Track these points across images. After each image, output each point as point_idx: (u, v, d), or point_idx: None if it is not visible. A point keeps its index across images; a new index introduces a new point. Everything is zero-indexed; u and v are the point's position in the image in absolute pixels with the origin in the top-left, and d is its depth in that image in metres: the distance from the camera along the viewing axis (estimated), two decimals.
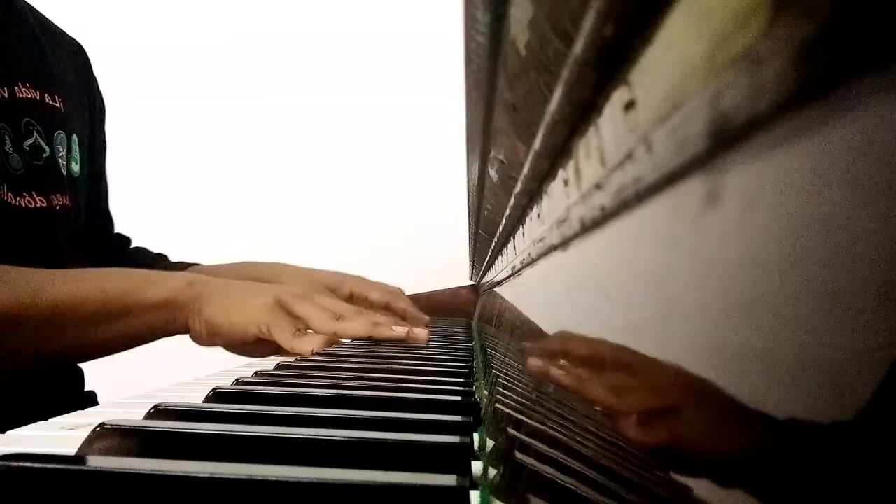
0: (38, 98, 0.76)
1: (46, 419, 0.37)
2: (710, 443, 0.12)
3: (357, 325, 0.70)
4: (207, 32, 1.80)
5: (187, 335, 0.73)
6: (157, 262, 0.99)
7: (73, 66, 0.86)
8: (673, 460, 0.13)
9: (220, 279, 0.73)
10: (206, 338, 0.71)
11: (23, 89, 0.74)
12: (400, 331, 0.72)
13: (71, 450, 0.27)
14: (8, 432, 0.33)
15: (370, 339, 0.71)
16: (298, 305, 0.70)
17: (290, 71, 1.81)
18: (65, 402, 0.49)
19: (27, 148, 0.73)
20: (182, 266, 0.98)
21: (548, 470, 0.20)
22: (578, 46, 0.19)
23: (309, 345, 0.66)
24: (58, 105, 0.79)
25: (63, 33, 0.88)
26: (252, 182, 1.83)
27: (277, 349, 0.69)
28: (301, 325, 0.69)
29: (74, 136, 0.82)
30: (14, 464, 0.21)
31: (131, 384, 0.58)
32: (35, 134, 0.75)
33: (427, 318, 0.95)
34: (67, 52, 0.87)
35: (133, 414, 0.32)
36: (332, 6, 1.80)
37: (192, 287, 0.70)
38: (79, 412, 0.40)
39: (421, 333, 0.73)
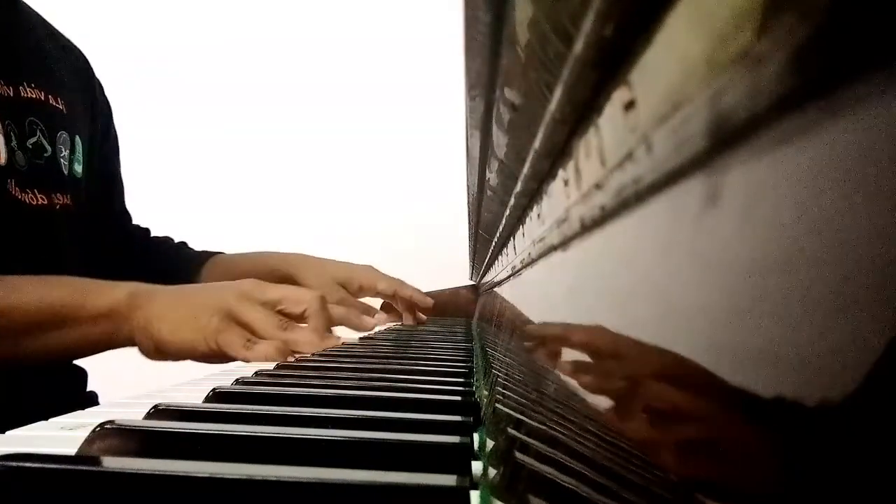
0: (42, 98, 0.77)
1: (47, 419, 0.37)
2: (710, 442, 0.12)
3: (304, 337, 0.68)
4: (216, 37, 1.80)
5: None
6: (179, 250, 1.00)
7: (75, 72, 0.87)
8: (673, 460, 0.13)
9: (165, 290, 0.70)
10: (155, 353, 0.68)
11: (28, 89, 0.75)
12: (335, 342, 0.73)
13: (71, 450, 0.27)
14: (8, 432, 0.33)
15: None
16: (246, 312, 0.67)
17: (291, 73, 1.81)
18: (66, 403, 0.49)
19: (29, 146, 0.74)
20: (205, 255, 0.98)
21: (548, 470, 0.20)
22: (578, 46, 0.19)
23: (261, 353, 0.64)
24: (61, 107, 0.79)
25: (69, 42, 0.89)
26: (254, 183, 1.83)
27: (232, 358, 0.67)
28: (250, 333, 0.66)
29: (78, 138, 0.82)
30: (14, 464, 0.21)
31: (131, 384, 0.58)
32: (38, 133, 0.75)
33: (431, 300, 1.06)
34: (71, 58, 0.88)
35: (133, 414, 0.32)
36: (333, 7, 1.80)
37: (133, 299, 0.67)
38: (79, 412, 0.40)
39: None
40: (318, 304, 0.72)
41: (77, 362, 0.84)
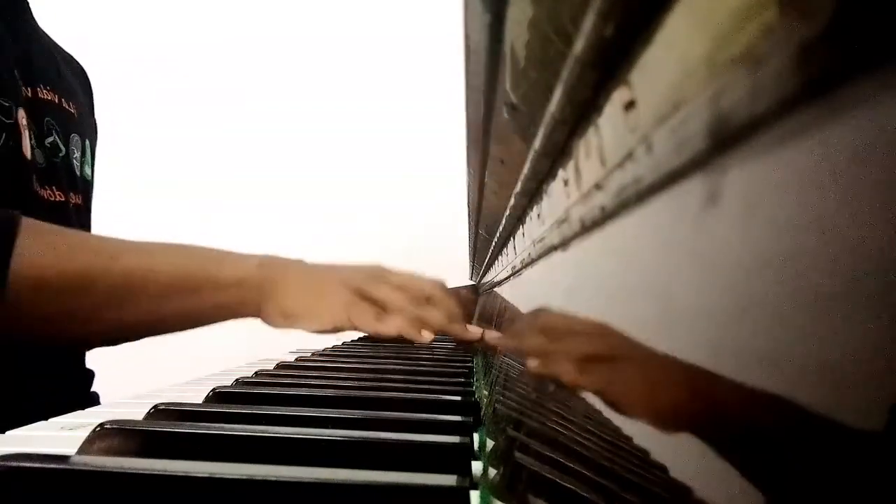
0: (56, 101, 0.78)
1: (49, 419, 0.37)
2: (710, 442, 0.12)
3: (435, 315, 0.70)
4: (209, 34, 1.80)
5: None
6: None
7: (80, 86, 0.89)
8: (671, 459, 0.13)
9: (295, 263, 0.73)
10: (281, 322, 0.71)
11: (44, 91, 0.76)
12: (475, 331, 0.73)
13: (71, 450, 0.27)
14: (8, 432, 0.33)
15: (443, 333, 0.71)
16: (376, 291, 0.70)
17: (290, 71, 1.81)
18: (72, 403, 0.49)
19: (47, 145, 0.75)
20: None
21: (547, 470, 0.20)
22: (578, 46, 0.19)
23: (394, 325, 0.67)
24: (72, 111, 0.81)
25: (72, 57, 0.91)
26: (252, 183, 1.83)
27: (358, 330, 0.71)
28: (380, 309, 0.69)
29: (87, 142, 0.84)
30: (14, 464, 0.21)
31: (132, 384, 0.58)
32: (54, 133, 0.77)
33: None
34: (76, 72, 0.90)
35: (133, 414, 0.32)
36: (332, 7, 1.80)
37: (262, 269, 0.70)
38: (79, 412, 0.40)
39: (492, 335, 0.75)
40: (442, 290, 0.74)
41: (86, 363, 0.85)
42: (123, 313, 0.64)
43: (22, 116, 0.70)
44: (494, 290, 0.84)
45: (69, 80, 0.85)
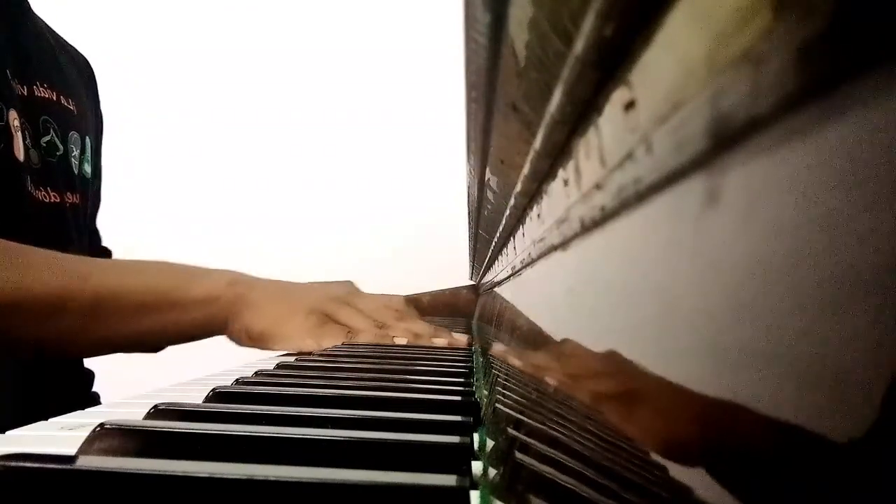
0: (54, 98, 0.77)
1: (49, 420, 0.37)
2: (710, 443, 0.12)
3: (398, 333, 0.73)
4: (206, 32, 1.80)
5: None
6: None
7: (82, 79, 0.89)
8: (673, 461, 0.13)
9: (261, 281, 0.74)
10: (247, 341, 0.72)
11: (41, 88, 0.76)
12: (439, 342, 0.74)
13: (71, 450, 0.27)
14: (8, 432, 0.33)
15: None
16: (342, 315, 0.72)
17: (290, 71, 1.81)
18: (70, 403, 0.49)
19: (43, 144, 0.75)
20: None
21: (548, 470, 0.20)
22: (578, 46, 0.19)
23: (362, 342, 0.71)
24: (72, 107, 0.81)
25: (74, 49, 0.91)
26: (252, 183, 1.83)
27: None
28: (347, 331, 0.72)
29: (87, 138, 0.83)
30: (14, 464, 0.21)
31: (132, 384, 0.58)
32: (51, 132, 0.76)
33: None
34: (78, 64, 0.89)
35: (133, 414, 0.32)
36: (332, 6, 1.80)
37: (233, 287, 0.71)
38: (79, 412, 0.40)
39: (462, 338, 0.76)
40: (408, 307, 0.78)
41: (86, 364, 0.85)
42: (96, 333, 0.65)
43: (14, 118, 0.69)
44: (494, 290, 0.84)
45: (69, 74, 0.85)
